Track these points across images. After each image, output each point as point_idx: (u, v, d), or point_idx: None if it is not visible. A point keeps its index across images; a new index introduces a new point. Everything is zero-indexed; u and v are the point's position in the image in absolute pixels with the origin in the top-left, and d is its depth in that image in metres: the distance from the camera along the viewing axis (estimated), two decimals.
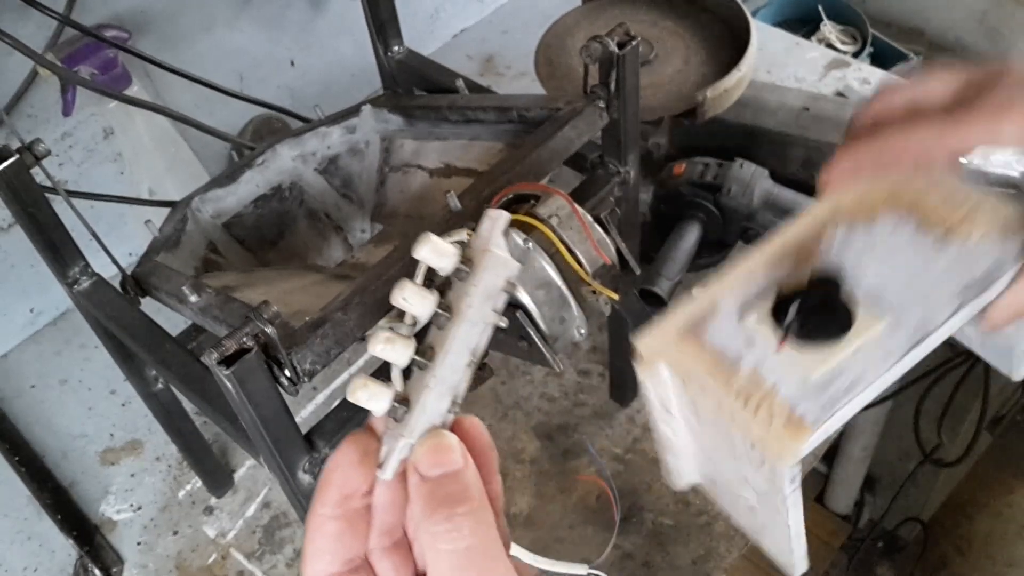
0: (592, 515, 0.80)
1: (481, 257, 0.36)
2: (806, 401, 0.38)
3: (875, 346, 0.40)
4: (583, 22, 0.98)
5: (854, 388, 0.39)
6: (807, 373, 0.39)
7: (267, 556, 0.82)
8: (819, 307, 0.41)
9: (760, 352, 0.41)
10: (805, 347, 0.40)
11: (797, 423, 0.38)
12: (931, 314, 0.40)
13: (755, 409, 0.39)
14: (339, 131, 0.77)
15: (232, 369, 0.43)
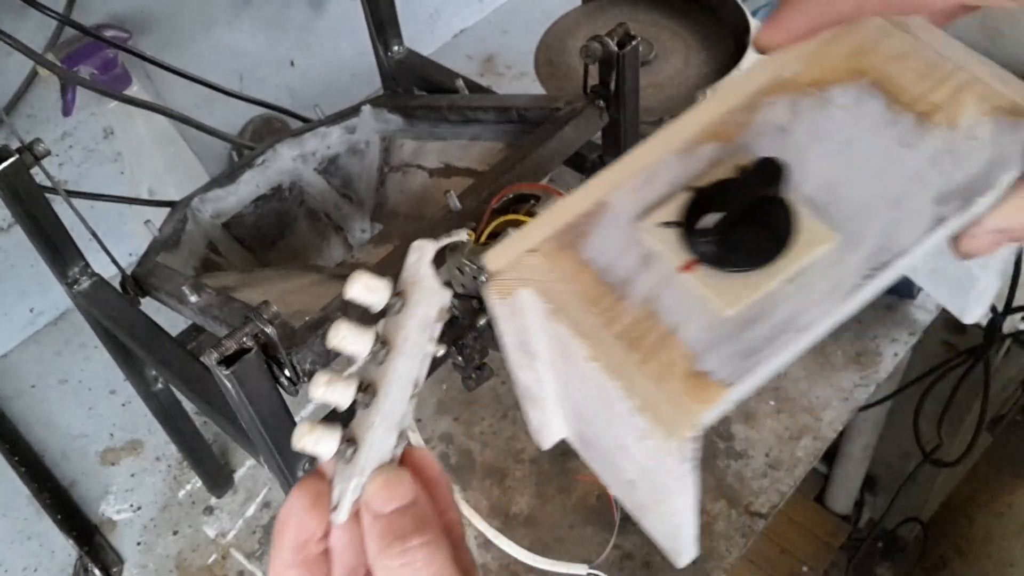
0: (592, 515, 0.80)
1: (412, 289, 0.34)
2: (716, 350, 0.28)
3: (819, 273, 0.30)
4: (583, 22, 0.98)
5: (784, 333, 0.28)
6: (720, 309, 0.29)
7: (267, 556, 0.82)
8: (744, 215, 0.30)
9: (659, 276, 0.30)
10: (721, 272, 0.30)
11: (701, 381, 0.28)
12: (899, 230, 0.30)
13: (643, 358, 0.28)
14: (339, 131, 0.77)
15: (232, 369, 0.43)
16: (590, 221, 0.32)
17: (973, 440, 1.15)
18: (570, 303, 0.30)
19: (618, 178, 0.32)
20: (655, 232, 0.31)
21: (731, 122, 0.33)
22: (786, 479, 0.80)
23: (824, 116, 0.32)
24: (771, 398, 0.86)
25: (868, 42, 0.33)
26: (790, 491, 0.80)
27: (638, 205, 0.32)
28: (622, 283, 0.30)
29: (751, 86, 0.34)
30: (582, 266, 0.31)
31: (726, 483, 0.81)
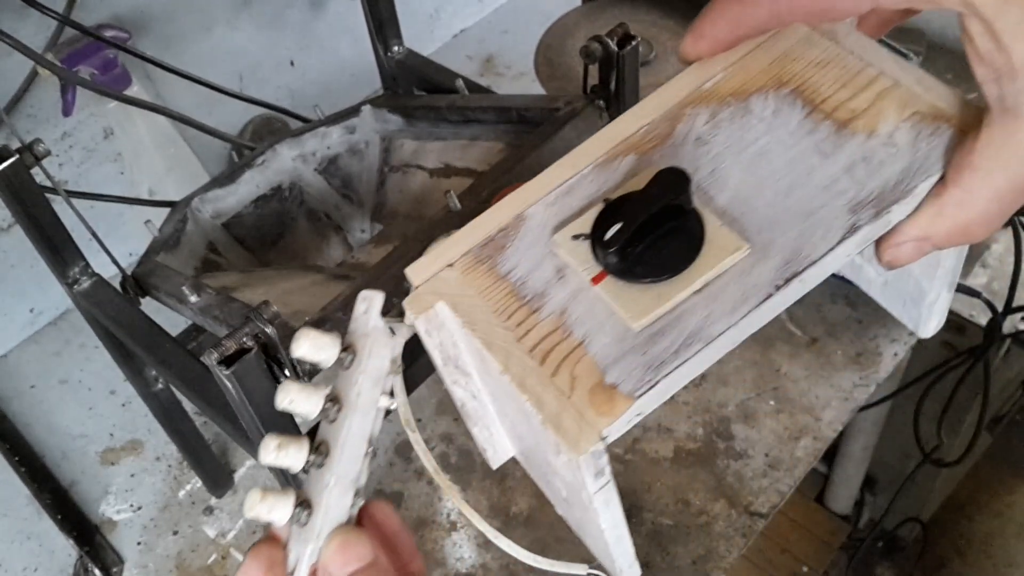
0: None
1: (363, 342, 0.32)
2: (623, 362, 0.28)
3: (729, 284, 0.29)
4: (583, 22, 0.98)
5: (691, 344, 0.28)
6: (628, 321, 0.29)
7: None
8: (647, 225, 0.29)
9: (571, 289, 0.30)
10: (631, 283, 0.29)
11: (606, 394, 0.28)
12: (811, 239, 0.29)
13: (553, 371, 0.28)
14: (339, 131, 0.77)
15: (232, 369, 0.43)
16: (508, 235, 0.31)
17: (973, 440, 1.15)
18: (483, 317, 0.30)
19: (538, 192, 0.32)
20: (568, 245, 0.30)
21: (651, 134, 0.33)
22: (786, 479, 0.80)
23: (742, 126, 0.32)
24: (771, 398, 0.86)
25: (791, 51, 0.33)
26: (790, 491, 0.80)
27: (554, 218, 0.31)
28: (536, 296, 0.30)
29: (673, 97, 0.33)
30: (498, 280, 0.31)
31: (726, 483, 0.81)
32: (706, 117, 0.32)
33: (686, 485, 0.81)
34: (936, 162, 0.30)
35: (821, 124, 0.31)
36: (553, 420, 0.28)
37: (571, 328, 0.29)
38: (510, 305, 0.30)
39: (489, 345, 0.29)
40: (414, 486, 0.85)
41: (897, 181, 0.30)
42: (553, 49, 0.95)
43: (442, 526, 0.81)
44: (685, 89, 0.33)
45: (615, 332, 0.29)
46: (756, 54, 0.33)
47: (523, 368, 0.29)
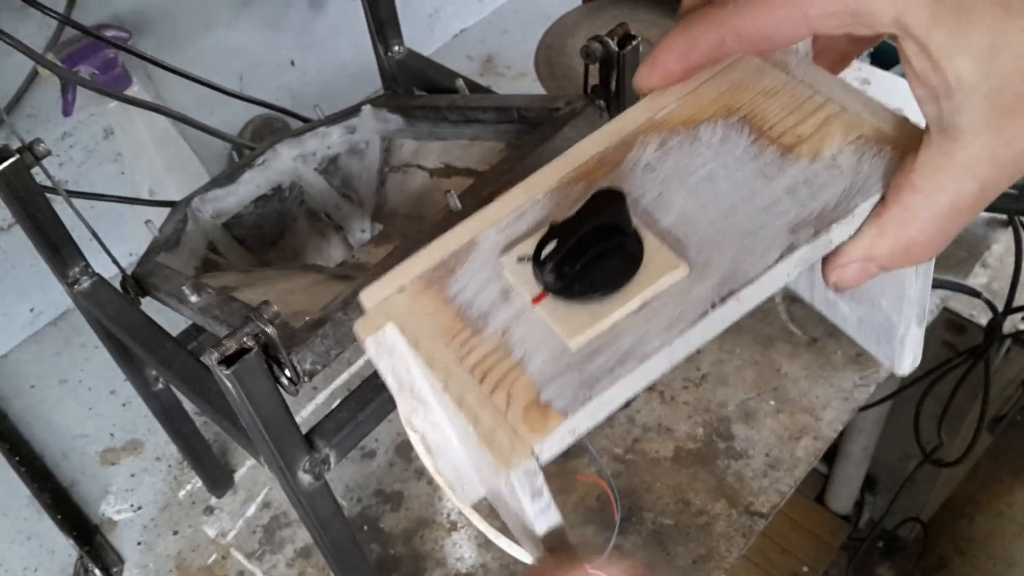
0: (592, 515, 0.80)
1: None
2: (558, 380, 0.28)
3: (665, 303, 0.29)
4: (583, 22, 0.98)
5: (626, 362, 0.28)
6: (565, 340, 0.29)
7: (267, 556, 0.82)
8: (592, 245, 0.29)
9: (514, 310, 0.30)
10: (569, 303, 0.30)
11: (539, 411, 0.28)
12: (749, 259, 0.29)
13: (491, 390, 0.29)
14: (339, 131, 0.77)
15: (232, 369, 0.43)
16: (458, 259, 0.32)
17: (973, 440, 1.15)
18: (428, 336, 0.30)
19: (491, 218, 0.33)
20: (512, 267, 0.31)
21: (603, 162, 0.33)
22: (786, 479, 0.80)
23: (691, 153, 0.33)
24: (771, 398, 0.86)
25: (742, 81, 0.34)
26: (790, 491, 0.80)
27: (504, 242, 0.32)
28: (481, 317, 0.30)
29: (627, 126, 0.34)
30: (445, 302, 0.31)
31: (726, 483, 0.81)
32: (656, 145, 0.33)
33: (686, 485, 0.81)
34: (877, 182, 0.30)
35: (766, 149, 0.32)
36: (487, 437, 0.28)
37: (512, 348, 0.29)
38: (455, 326, 0.30)
39: (431, 363, 0.30)
40: (414, 486, 0.85)
41: (837, 202, 0.30)
42: (553, 49, 0.95)
43: (442, 526, 0.82)
44: (640, 118, 0.34)
45: (553, 351, 0.29)
46: (709, 84, 0.34)
47: (462, 386, 0.29)
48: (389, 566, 0.80)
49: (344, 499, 0.85)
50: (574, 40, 0.96)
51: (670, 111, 0.34)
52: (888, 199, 0.29)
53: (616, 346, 0.29)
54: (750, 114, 0.33)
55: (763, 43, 0.31)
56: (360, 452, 0.89)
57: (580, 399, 0.28)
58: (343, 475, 0.87)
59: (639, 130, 0.34)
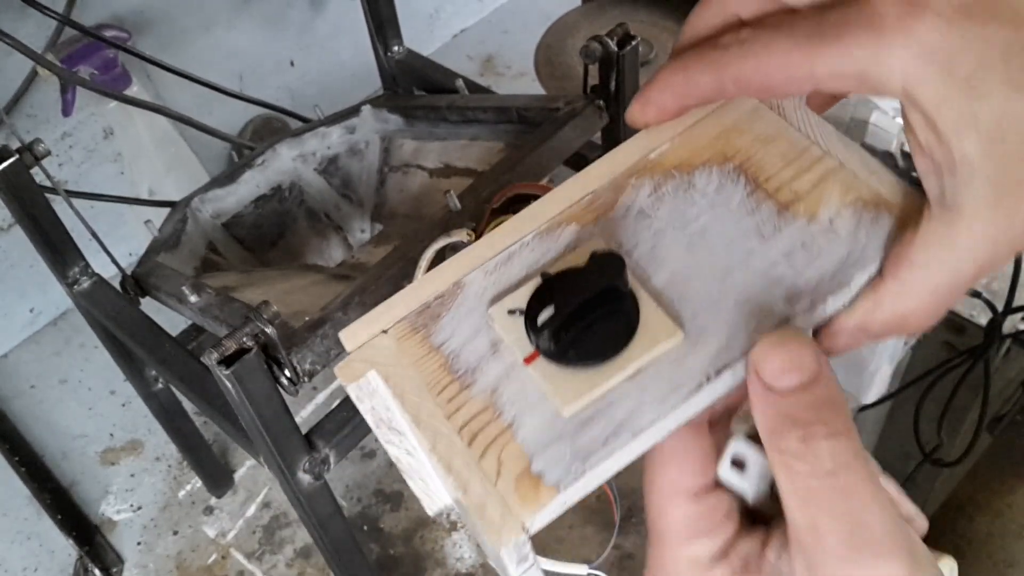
0: (592, 515, 0.80)
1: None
2: (551, 450, 0.27)
3: (660, 372, 0.28)
4: (583, 22, 0.98)
5: (619, 435, 0.27)
6: (559, 407, 0.28)
7: (267, 556, 0.82)
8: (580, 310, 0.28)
9: (505, 366, 0.29)
10: (564, 365, 0.28)
11: (531, 484, 0.27)
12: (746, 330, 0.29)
13: (480, 454, 0.27)
14: (339, 131, 0.77)
15: (232, 369, 0.43)
16: (445, 303, 0.30)
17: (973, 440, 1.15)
18: (413, 389, 0.29)
19: (479, 258, 0.31)
20: (503, 319, 0.29)
21: (594, 204, 0.32)
22: None
23: (685, 201, 0.31)
24: None
25: (739, 123, 0.33)
26: None
27: (492, 288, 0.30)
28: (470, 370, 0.29)
29: (620, 165, 0.32)
30: (432, 350, 0.30)
31: None
32: (649, 189, 0.32)
33: None
34: (874, 253, 0.29)
35: (763, 204, 0.31)
36: (477, 507, 0.27)
37: (502, 409, 0.28)
38: (442, 379, 0.29)
39: (418, 421, 0.29)
40: None
41: (835, 271, 0.29)
42: (553, 49, 0.95)
43: (442, 526, 0.82)
44: (632, 157, 0.32)
45: (545, 416, 0.28)
46: (704, 124, 0.33)
47: (450, 449, 0.28)
48: (389, 566, 0.80)
49: (344, 499, 0.85)
50: (574, 40, 0.96)
51: (663, 151, 0.32)
52: (886, 272, 0.29)
53: (610, 416, 0.28)
54: (746, 162, 0.32)
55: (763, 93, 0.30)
56: (360, 452, 0.89)
57: (573, 473, 0.27)
58: (343, 475, 0.87)
59: (632, 170, 0.32)
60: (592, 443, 0.27)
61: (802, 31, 0.26)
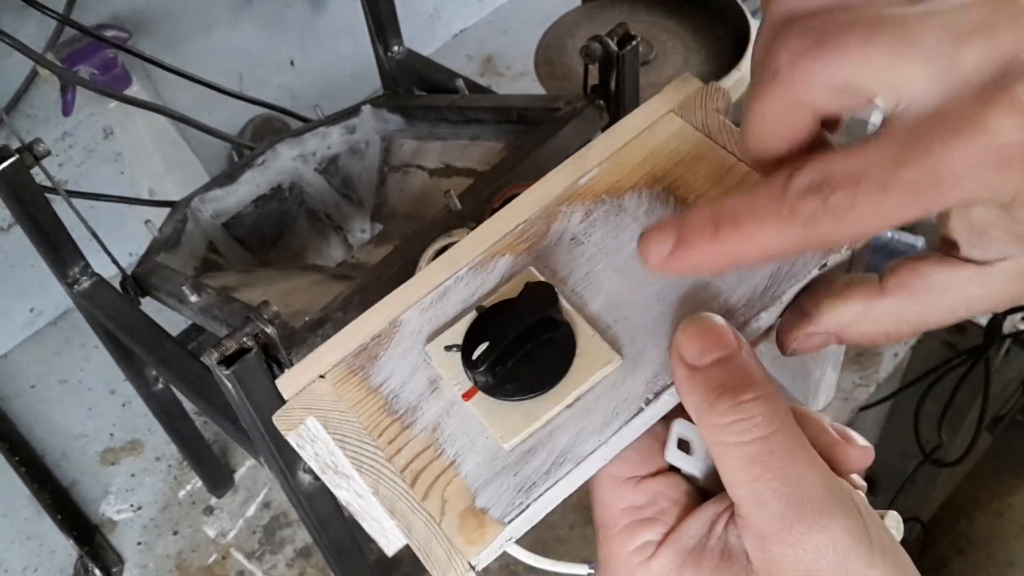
0: (592, 515, 0.80)
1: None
2: (494, 484, 0.27)
3: (600, 398, 0.28)
4: (583, 22, 0.98)
5: (562, 464, 0.27)
6: (500, 441, 0.28)
7: (267, 556, 0.82)
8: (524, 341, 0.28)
9: (444, 403, 0.29)
10: (503, 398, 0.28)
11: (476, 520, 0.27)
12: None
13: (424, 494, 0.27)
14: (339, 131, 0.77)
15: (232, 369, 0.43)
16: (381, 343, 0.30)
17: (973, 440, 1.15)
18: (353, 433, 0.28)
19: (414, 295, 0.31)
20: (439, 356, 0.29)
21: (527, 233, 0.31)
22: None
23: (617, 225, 0.31)
24: None
25: (665, 145, 0.32)
26: None
27: (428, 324, 0.30)
28: (409, 410, 0.29)
29: (549, 193, 0.32)
30: (370, 392, 0.29)
31: None
32: (581, 215, 0.31)
33: None
34: (804, 267, 0.29)
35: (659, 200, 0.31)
36: (423, 547, 0.27)
37: (443, 446, 0.28)
38: (382, 421, 0.28)
39: (359, 466, 0.28)
40: None
41: (765, 287, 0.29)
42: (553, 49, 0.95)
43: None
44: (562, 184, 0.32)
45: (486, 451, 0.28)
46: (631, 147, 0.32)
47: (393, 491, 0.27)
48: (389, 566, 0.80)
49: None
50: (574, 40, 0.96)
51: (593, 176, 0.32)
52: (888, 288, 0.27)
53: (551, 446, 0.28)
54: (674, 183, 0.31)
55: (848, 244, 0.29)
56: None
57: (517, 506, 0.27)
58: None
59: (562, 197, 0.32)
60: (535, 474, 0.27)
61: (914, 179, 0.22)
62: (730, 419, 0.26)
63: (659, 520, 0.29)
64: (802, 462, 0.26)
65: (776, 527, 0.26)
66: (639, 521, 0.30)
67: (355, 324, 0.30)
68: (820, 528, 0.26)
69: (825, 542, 0.26)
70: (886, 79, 0.23)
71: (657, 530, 0.29)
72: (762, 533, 0.26)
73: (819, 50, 0.23)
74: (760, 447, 0.26)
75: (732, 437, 0.26)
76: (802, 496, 0.26)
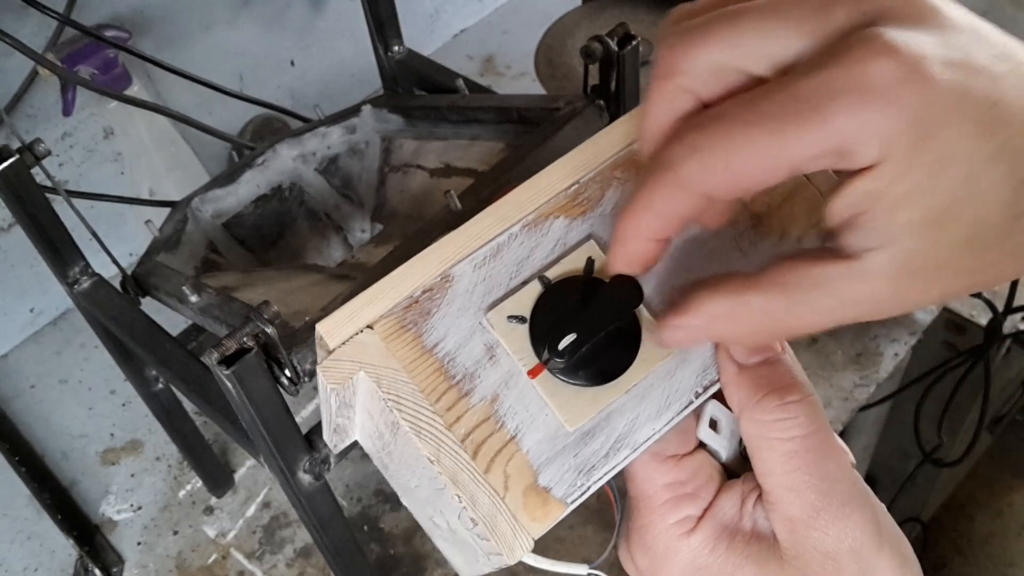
0: (592, 515, 0.80)
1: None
2: (556, 463, 0.27)
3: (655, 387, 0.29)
4: (583, 22, 0.98)
5: (619, 449, 0.28)
6: (566, 424, 0.28)
7: (267, 556, 0.82)
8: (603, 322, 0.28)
9: (504, 373, 0.28)
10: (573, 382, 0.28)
11: (539, 498, 0.27)
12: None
13: (486, 467, 0.27)
14: (339, 131, 0.77)
15: (232, 369, 0.43)
16: (434, 298, 0.28)
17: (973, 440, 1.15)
18: (409, 396, 0.27)
19: (465, 247, 0.29)
20: (503, 326, 0.28)
21: (580, 197, 0.30)
22: None
23: None
24: None
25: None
26: None
27: (483, 284, 0.29)
28: (467, 376, 0.28)
29: (604, 152, 0.31)
30: (424, 352, 0.28)
31: None
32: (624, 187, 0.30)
33: None
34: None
35: (740, 214, 0.30)
36: (488, 522, 0.27)
37: (503, 419, 0.27)
38: (439, 385, 0.27)
39: (418, 432, 0.27)
40: None
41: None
42: (553, 49, 0.96)
43: None
44: (616, 145, 0.31)
45: (548, 429, 0.28)
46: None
47: (455, 462, 0.27)
48: (389, 566, 0.80)
49: (344, 499, 0.85)
50: (574, 40, 0.96)
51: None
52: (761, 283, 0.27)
53: (609, 430, 0.28)
54: None
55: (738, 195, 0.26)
56: (360, 452, 0.89)
57: (579, 487, 0.28)
58: (343, 475, 0.87)
59: (616, 162, 0.30)
60: (594, 457, 0.28)
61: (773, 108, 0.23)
62: (775, 417, 0.29)
63: (699, 496, 0.32)
64: (832, 460, 0.29)
65: (806, 513, 0.29)
66: (682, 496, 0.32)
67: (401, 271, 0.28)
68: (843, 517, 0.29)
69: (845, 529, 0.29)
70: (757, 50, 0.24)
71: (698, 505, 0.32)
72: (792, 518, 0.29)
73: (689, 37, 0.25)
74: (799, 444, 0.29)
75: (775, 433, 0.29)
76: (830, 489, 0.29)
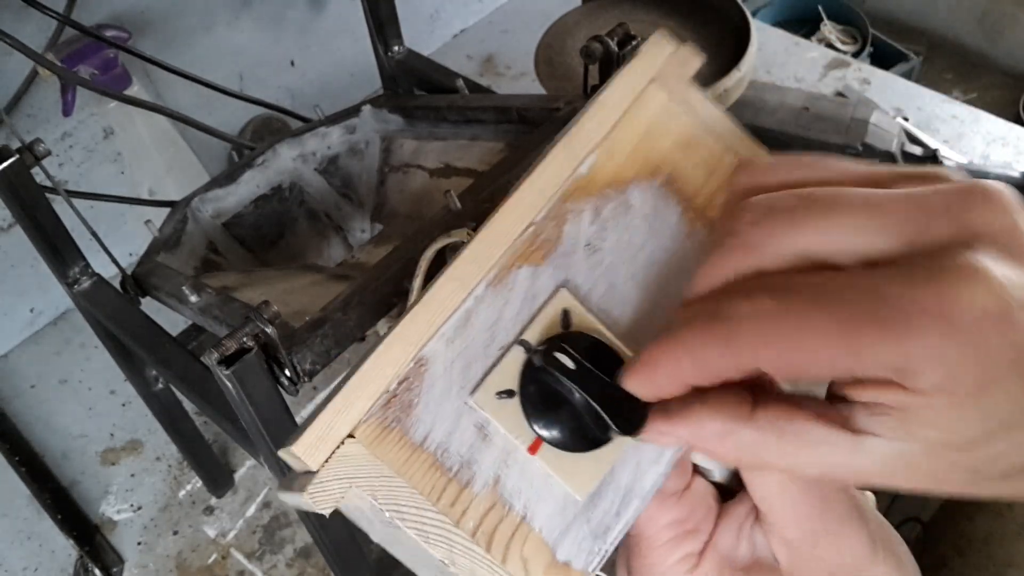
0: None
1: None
2: (571, 534, 0.27)
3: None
4: (583, 22, 0.98)
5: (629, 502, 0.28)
6: (576, 494, 0.27)
7: (267, 556, 0.82)
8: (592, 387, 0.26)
9: (501, 453, 0.27)
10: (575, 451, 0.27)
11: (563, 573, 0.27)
12: None
13: (503, 557, 0.26)
14: (339, 131, 0.77)
15: (232, 369, 0.43)
16: (412, 388, 0.26)
17: None
18: (409, 501, 0.25)
19: (431, 324, 0.27)
20: (492, 405, 0.27)
21: (539, 238, 0.29)
22: None
23: (627, 227, 0.30)
24: None
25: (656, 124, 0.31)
26: None
27: (460, 360, 0.27)
28: (464, 465, 0.26)
29: (551, 186, 0.29)
30: (415, 449, 0.26)
31: None
32: (590, 216, 0.29)
33: None
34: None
35: (696, 225, 0.30)
36: None
37: (510, 501, 0.26)
38: (437, 482, 0.26)
39: (425, 537, 0.25)
40: None
41: None
42: (553, 49, 0.96)
43: None
44: (562, 174, 0.29)
45: (556, 501, 0.27)
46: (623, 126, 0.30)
47: (471, 559, 0.26)
48: (389, 566, 0.80)
49: None
50: (574, 40, 0.96)
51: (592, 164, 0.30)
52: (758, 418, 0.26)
53: (615, 484, 0.28)
54: (672, 176, 0.30)
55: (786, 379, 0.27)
56: None
57: (597, 552, 0.27)
58: None
59: (567, 193, 0.29)
60: (606, 516, 0.27)
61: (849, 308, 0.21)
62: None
63: (699, 530, 0.32)
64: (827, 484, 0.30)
65: (804, 536, 0.29)
66: (683, 534, 0.31)
67: (370, 364, 0.26)
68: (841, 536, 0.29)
69: (843, 547, 0.29)
70: (847, 246, 0.23)
71: (699, 539, 0.32)
72: (790, 541, 0.30)
73: (776, 219, 0.24)
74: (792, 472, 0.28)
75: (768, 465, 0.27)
76: (826, 510, 0.29)
